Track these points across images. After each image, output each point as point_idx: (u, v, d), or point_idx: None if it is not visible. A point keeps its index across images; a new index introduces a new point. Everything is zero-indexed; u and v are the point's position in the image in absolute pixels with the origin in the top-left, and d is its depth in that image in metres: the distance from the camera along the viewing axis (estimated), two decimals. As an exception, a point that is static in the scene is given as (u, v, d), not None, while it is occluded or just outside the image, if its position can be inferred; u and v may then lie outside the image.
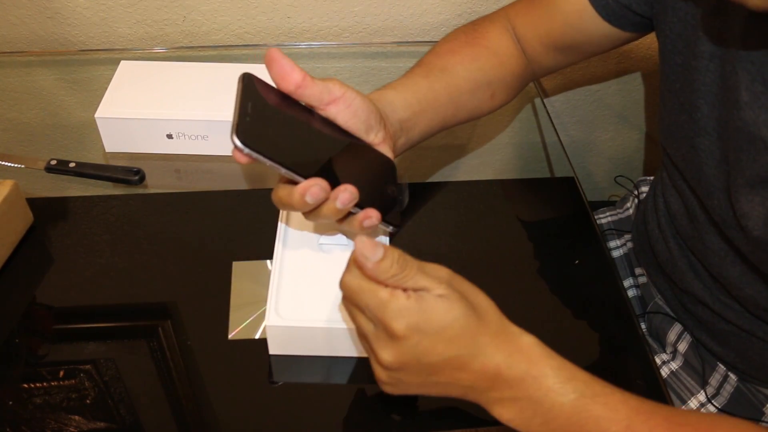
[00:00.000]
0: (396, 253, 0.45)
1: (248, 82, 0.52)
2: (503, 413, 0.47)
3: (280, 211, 0.65)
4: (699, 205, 0.67)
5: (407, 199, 0.55)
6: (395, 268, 0.45)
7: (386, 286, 0.45)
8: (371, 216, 0.54)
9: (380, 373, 0.48)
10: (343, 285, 0.47)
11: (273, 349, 0.59)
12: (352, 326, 0.53)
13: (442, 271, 0.47)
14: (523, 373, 0.46)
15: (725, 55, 0.56)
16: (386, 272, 0.45)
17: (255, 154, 0.48)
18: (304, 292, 0.59)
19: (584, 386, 0.46)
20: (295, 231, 0.63)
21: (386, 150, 0.60)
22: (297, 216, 0.64)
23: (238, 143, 0.47)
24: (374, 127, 0.58)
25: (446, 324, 0.45)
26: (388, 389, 0.49)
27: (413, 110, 0.65)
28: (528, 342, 0.47)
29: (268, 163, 0.49)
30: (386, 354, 0.46)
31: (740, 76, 0.54)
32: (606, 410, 0.45)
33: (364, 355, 0.53)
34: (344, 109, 0.56)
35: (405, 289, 0.45)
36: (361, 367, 0.59)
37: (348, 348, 0.59)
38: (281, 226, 0.63)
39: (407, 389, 0.48)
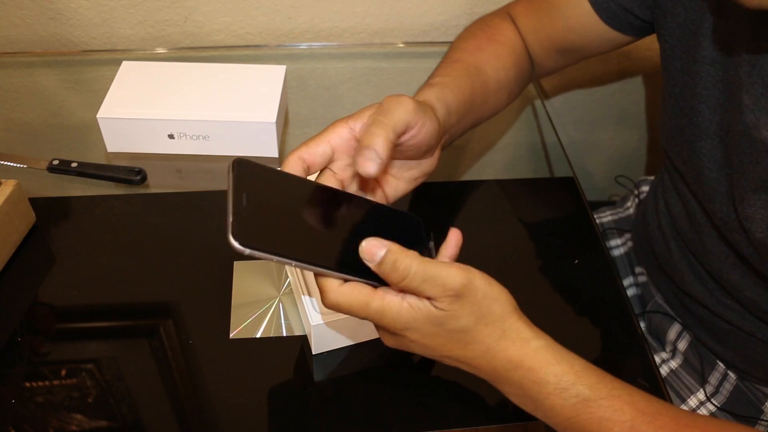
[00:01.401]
0: (396, 258, 0.44)
1: (240, 168, 0.45)
2: (510, 399, 0.50)
3: None
4: (700, 208, 0.67)
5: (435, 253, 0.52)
6: (395, 276, 0.44)
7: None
8: None
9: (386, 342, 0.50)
10: (331, 307, 0.47)
11: (316, 349, 0.60)
12: None
13: (456, 277, 0.44)
14: (521, 378, 0.47)
15: (727, 60, 0.56)
16: (388, 275, 0.44)
17: (258, 253, 0.43)
18: None
19: (588, 390, 0.46)
20: None
21: (434, 158, 0.58)
22: None
23: (237, 245, 0.42)
24: (431, 147, 0.56)
25: (439, 333, 0.47)
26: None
27: (461, 113, 0.64)
28: (536, 347, 0.47)
29: (275, 259, 0.44)
30: (387, 340, 0.50)
31: (742, 79, 0.54)
32: (610, 412, 0.46)
33: None
34: (408, 146, 0.54)
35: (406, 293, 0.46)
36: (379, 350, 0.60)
37: None
38: None
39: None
